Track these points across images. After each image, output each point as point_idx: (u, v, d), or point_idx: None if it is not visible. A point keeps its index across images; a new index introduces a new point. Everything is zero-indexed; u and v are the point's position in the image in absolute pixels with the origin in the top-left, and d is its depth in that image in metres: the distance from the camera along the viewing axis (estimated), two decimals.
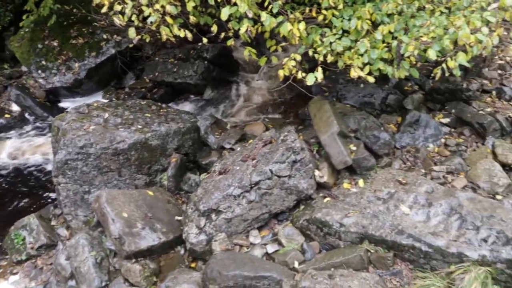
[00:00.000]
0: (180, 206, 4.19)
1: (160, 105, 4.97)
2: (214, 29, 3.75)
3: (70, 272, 3.70)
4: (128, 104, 4.85)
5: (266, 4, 3.56)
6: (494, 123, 4.23)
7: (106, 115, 4.44)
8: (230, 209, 3.60)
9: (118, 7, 3.72)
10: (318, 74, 3.28)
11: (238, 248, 3.57)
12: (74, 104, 5.93)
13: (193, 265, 3.69)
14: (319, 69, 3.31)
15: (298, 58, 3.48)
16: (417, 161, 4.07)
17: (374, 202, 3.47)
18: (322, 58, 3.47)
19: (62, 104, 6.53)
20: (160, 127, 4.39)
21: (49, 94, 6.45)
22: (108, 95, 6.41)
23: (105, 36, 6.34)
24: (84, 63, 6.27)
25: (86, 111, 4.52)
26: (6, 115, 6.17)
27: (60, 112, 5.74)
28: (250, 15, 3.33)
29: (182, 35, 3.66)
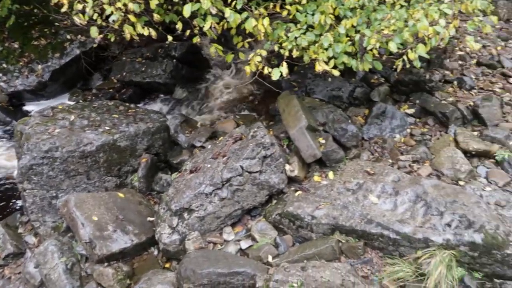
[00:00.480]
0: (152, 206, 4.15)
1: (128, 105, 4.89)
2: (179, 26, 3.71)
3: (39, 280, 3.61)
4: (95, 105, 4.74)
5: (230, 0, 3.55)
6: (456, 112, 4.38)
7: (72, 118, 4.33)
8: (203, 207, 3.59)
9: (79, 6, 3.62)
10: (283, 69, 3.31)
11: (212, 245, 3.56)
12: (38, 107, 5.70)
13: (167, 265, 3.66)
14: (284, 64, 3.34)
15: (264, 53, 3.49)
16: (384, 151, 4.18)
17: (344, 194, 3.53)
18: (287, 53, 3.49)
19: (26, 107, 6.30)
20: (128, 128, 4.32)
21: (12, 98, 6.21)
22: (74, 97, 6.25)
23: (68, 36, 6.17)
24: (47, 65, 6.08)
25: (51, 114, 4.40)
26: None
27: (24, 116, 5.57)
28: (213, 12, 3.32)
29: (146, 34, 3.61)
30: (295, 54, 3.51)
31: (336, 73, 3.46)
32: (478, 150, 3.91)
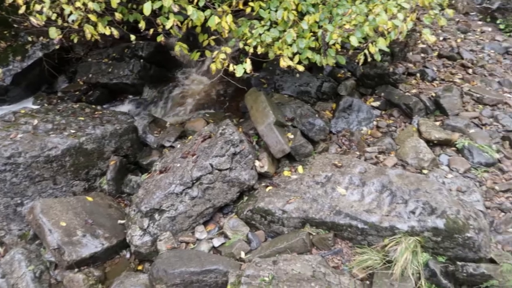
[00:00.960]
0: (122, 209, 4.09)
1: (94, 107, 4.79)
2: (142, 25, 3.66)
3: None
4: (59, 108, 4.63)
5: None
6: (419, 103, 4.53)
7: (35, 122, 4.21)
8: (173, 207, 3.57)
9: (37, 7, 3.51)
10: (247, 65, 3.32)
11: (184, 245, 3.56)
12: (0, 112, 5.53)
13: (139, 267, 3.62)
14: (248, 60, 3.35)
15: (229, 51, 3.50)
16: (352, 144, 4.27)
17: (313, 187, 3.59)
18: (252, 50, 3.51)
19: None
20: (95, 130, 4.23)
21: None
22: (39, 101, 6.03)
23: (30, 38, 5.94)
24: (8, 68, 5.85)
25: (13, 119, 4.27)
26: None
27: None
28: (175, 10, 3.29)
29: (108, 33, 3.54)
30: (260, 50, 3.53)
31: (301, 68, 3.50)
32: (440, 139, 4.05)
